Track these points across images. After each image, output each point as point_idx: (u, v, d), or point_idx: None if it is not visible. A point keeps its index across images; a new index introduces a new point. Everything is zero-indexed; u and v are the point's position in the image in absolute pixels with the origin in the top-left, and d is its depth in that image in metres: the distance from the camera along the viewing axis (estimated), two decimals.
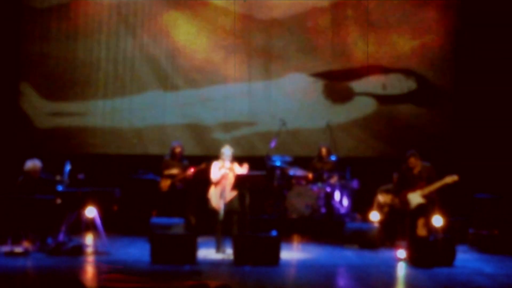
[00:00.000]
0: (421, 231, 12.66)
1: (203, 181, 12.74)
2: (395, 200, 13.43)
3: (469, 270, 11.08)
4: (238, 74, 16.19)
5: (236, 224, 12.12)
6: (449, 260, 11.29)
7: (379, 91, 16.08)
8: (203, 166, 13.36)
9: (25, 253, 11.70)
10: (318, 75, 16.17)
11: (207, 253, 11.95)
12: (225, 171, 12.12)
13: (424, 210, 12.52)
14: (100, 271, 10.82)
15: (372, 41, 15.96)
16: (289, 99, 16.18)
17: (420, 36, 15.93)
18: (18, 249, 11.76)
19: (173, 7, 16.26)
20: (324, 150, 14.90)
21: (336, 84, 16.19)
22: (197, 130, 16.17)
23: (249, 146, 15.91)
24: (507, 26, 15.15)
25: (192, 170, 13.70)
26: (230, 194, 12.07)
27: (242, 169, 12.11)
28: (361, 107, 16.10)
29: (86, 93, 16.27)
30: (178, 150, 14.10)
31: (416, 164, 12.62)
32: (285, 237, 13.13)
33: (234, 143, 13.43)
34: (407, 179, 12.53)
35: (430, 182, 12.50)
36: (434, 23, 15.90)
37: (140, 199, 14.39)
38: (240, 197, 12.21)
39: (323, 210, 14.52)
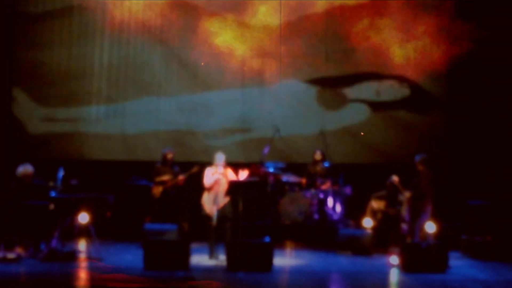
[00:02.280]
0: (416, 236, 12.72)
1: (196, 187, 12.74)
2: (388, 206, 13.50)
3: (461, 276, 11.10)
4: (232, 80, 16.21)
5: (229, 230, 12.13)
6: (441, 266, 11.30)
7: (373, 97, 16.11)
8: (194, 169, 13.39)
9: (18, 259, 11.67)
10: (312, 81, 16.20)
11: (200, 259, 11.94)
12: (218, 177, 12.13)
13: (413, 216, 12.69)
14: (98, 271, 10.85)
15: (366, 48, 16.00)
16: (283, 106, 16.20)
17: (413, 43, 15.96)
18: (10, 255, 11.73)
19: (166, 13, 16.25)
20: (318, 154, 14.90)
21: (330, 90, 16.22)
22: (190, 136, 16.17)
23: (242, 152, 15.91)
24: (500, 30, 15.21)
25: (182, 177, 13.73)
26: (223, 200, 12.09)
27: (241, 177, 12.13)
28: (354, 114, 16.13)
29: (79, 99, 16.25)
30: (170, 156, 14.10)
31: (417, 168, 12.76)
32: (278, 243, 13.13)
33: (228, 149, 13.44)
34: None
35: (415, 188, 12.65)
36: (427, 31, 15.93)
37: (133, 205, 14.38)
38: (233, 203, 12.22)
39: (316, 216, 14.52)
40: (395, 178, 13.09)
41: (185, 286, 10.06)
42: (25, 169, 12.44)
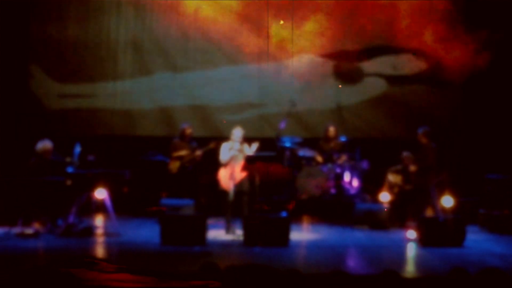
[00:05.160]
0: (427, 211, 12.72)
1: (213, 163, 12.76)
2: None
3: (479, 250, 11.09)
4: (248, 55, 16.15)
5: (246, 205, 12.14)
6: (459, 240, 11.29)
7: (389, 71, 16.01)
8: (212, 145, 13.38)
9: (36, 235, 11.76)
10: (328, 56, 16.11)
11: (217, 234, 11.98)
12: (234, 153, 12.13)
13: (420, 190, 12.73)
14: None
15: (382, 21, 15.88)
16: (299, 80, 16.13)
17: (430, 15, 15.83)
18: (28, 231, 11.82)
19: None
20: (331, 130, 14.80)
21: (346, 65, 16.13)
22: (206, 112, 16.13)
23: (258, 127, 15.86)
24: None
25: (199, 152, 13.72)
26: (240, 175, 12.09)
27: (251, 149, 12.14)
28: (371, 88, 16.05)
29: (95, 75, 16.24)
30: (189, 131, 14.09)
31: (420, 141, 12.76)
32: (295, 218, 13.13)
33: (244, 124, 13.39)
34: None
35: (421, 162, 12.65)
36: (443, 2, 15.80)
37: (150, 180, 14.41)
38: (250, 178, 12.23)
39: (333, 191, 14.50)
40: (405, 154, 13.20)
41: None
42: (45, 145, 12.52)
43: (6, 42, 15.76)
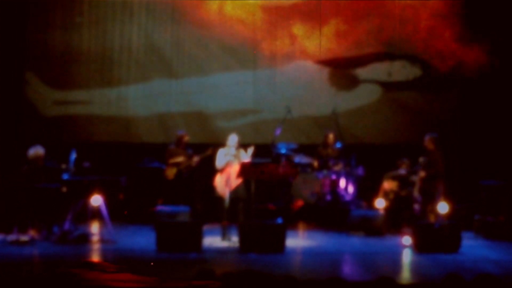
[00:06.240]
0: (430, 217, 12.73)
1: (209, 169, 12.76)
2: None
3: (474, 256, 11.11)
4: (244, 61, 16.17)
5: (242, 211, 12.15)
6: (454, 246, 11.30)
7: (385, 78, 16.04)
8: (209, 152, 13.37)
9: (31, 242, 11.74)
10: (324, 62, 16.14)
11: (212, 241, 11.97)
12: (230, 159, 12.14)
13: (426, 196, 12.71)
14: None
15: (377, 28, 15.92)
16: (294, 87, 16.15)
17: (424, 22, 15.87)
18: (24, 238, 11.80)
19: None
20: (331, 137, 14.86)
21: (342, 71, 16.16)
22: (202, 118, 16.15)
23: (254, 133, 15.88)
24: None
25: (196, 159, 13.73)
26: (236, 182, 12.09)
27: (248, 154, 12.15)
28: (366, 94, 16.08)
29: (91, 82, 16.25)
30: (186, 138, 14.09)
31: (428, 147, 12.77)
32: (291, 224, 13.13)
33: (239, 131, 13.41)
34: None
35: (429, 168, 12.64)
36: (439, 8, 15.84)
37: (146, 187, 14.40)
38: (246, 184, 12.23)
39: (328, 197, 14.51)
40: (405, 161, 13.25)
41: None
42: (36, 151, 12.49)
43: (2, 49, 15.76)
